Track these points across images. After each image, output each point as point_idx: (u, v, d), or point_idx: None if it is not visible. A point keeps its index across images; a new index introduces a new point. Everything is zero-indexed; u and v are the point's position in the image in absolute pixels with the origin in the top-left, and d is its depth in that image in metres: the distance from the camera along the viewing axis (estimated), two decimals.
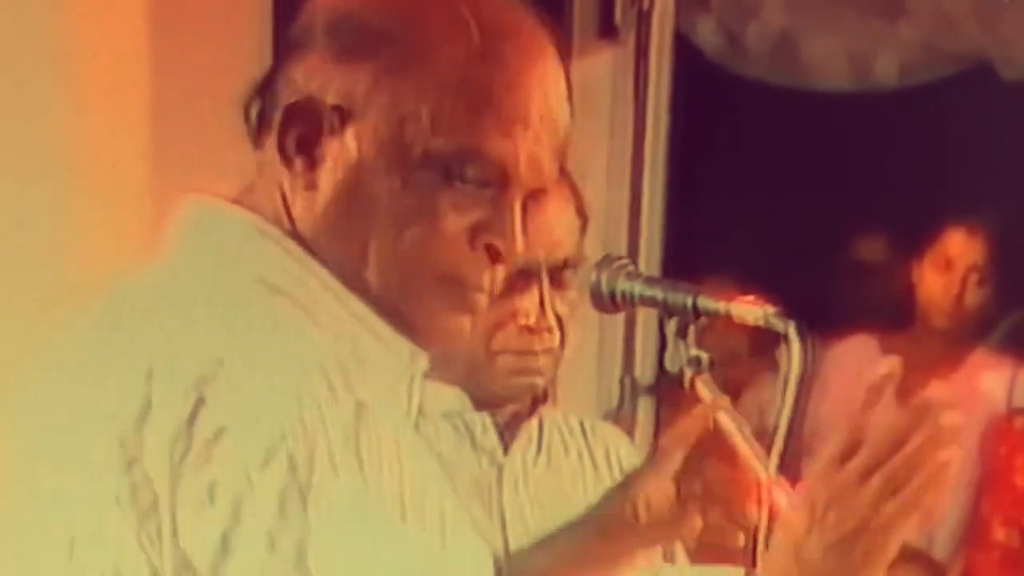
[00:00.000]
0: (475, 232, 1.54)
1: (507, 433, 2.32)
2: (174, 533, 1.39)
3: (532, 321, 2.25)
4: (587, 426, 2.44)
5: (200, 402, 1.39)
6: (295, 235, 1.54)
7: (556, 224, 2.28)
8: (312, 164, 1.53)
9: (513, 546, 2.17)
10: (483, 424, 2.29)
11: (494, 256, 1.56)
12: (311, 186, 1.53)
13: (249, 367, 1.41)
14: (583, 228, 2.34)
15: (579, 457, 2.40)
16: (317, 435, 1.38)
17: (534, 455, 2.35)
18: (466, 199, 1.53)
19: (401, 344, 1.54)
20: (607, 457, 2.42)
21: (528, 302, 2.25)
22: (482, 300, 1.57)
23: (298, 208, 1.54)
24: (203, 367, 1.41)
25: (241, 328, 1.45)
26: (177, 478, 1.38)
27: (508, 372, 2.26)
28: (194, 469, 1.38)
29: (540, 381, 2.30)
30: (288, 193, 1.54)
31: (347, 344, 1.50)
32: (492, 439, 2.30)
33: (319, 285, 1.52)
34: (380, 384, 1.49)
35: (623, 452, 2.44)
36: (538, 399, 2.35)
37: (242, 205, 1.56)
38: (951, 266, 4.62)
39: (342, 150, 1.53)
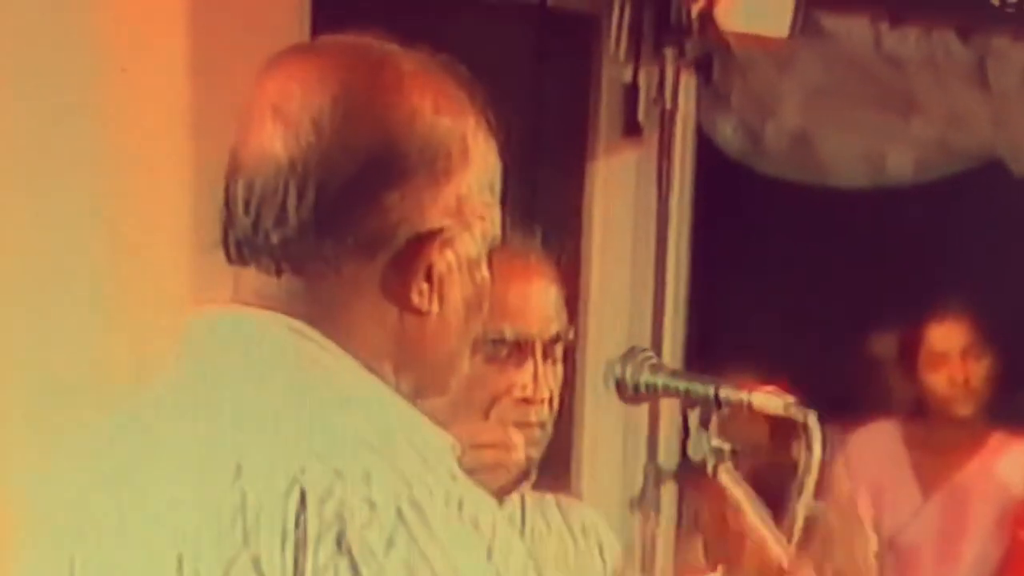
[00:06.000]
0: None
1: None
2: None
3: (529, 393, 2.29)
4: (562, 503, 2.47)
5: (303, 495, 1.44)
6: (387, 354, 1.58)
7: (545, 301, 2.33)
8: (431, 290, 1.58)
9: None
10: None
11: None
12: (424, 311, 1.58)
13: (338, 456, 1.46)
14: (567, 304, 2.39)
15: (559, 533, 2.43)
16: (428, 506, 1.45)
17: (518, 532, 2.37)
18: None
19: (441, 433, 1.59)
20: (584, 532, 2.45)
21: (524, 375, 2.29)
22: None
23: (404, 332, 1.58)
24: (294, 460, 1.46)
25: (321, 424, 1.50)
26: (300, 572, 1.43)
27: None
28: (318, 561, 1.43)
29: (535, 453, 2.33)
30: (397, 321, 1.58)
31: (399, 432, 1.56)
32: None
33: (372, 383, 1.57)
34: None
35: (600, 528, 2.47)
36: (520, 476, 2.37)
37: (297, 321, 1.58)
38: (946, 358, 4.63)
39: (447, 271, 1.58)
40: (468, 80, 1.63)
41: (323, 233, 1.55)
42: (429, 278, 1.57)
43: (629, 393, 2.27)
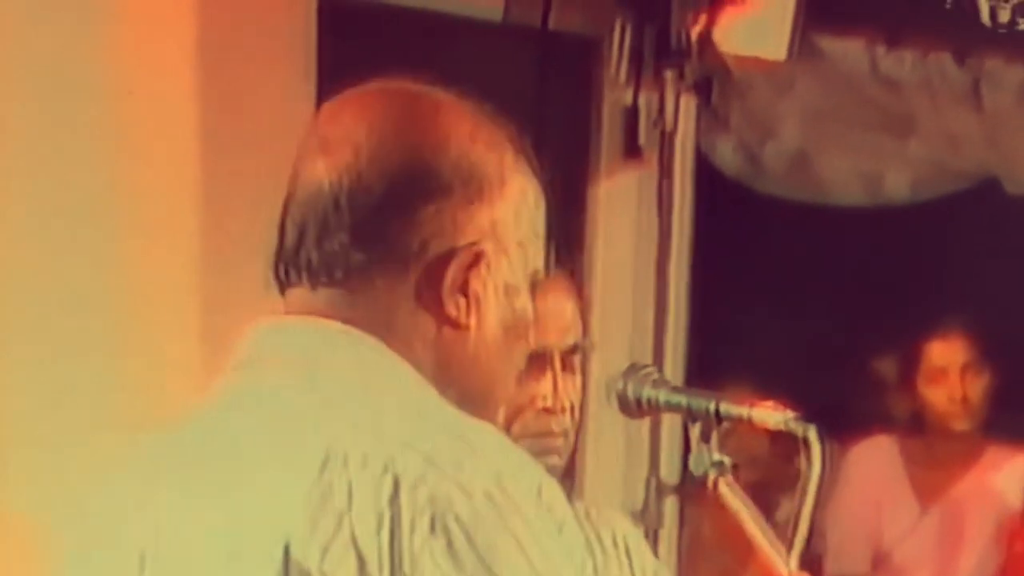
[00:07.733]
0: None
1: None
2: None
3: (550, 403, 2.33)
4: (592, 511, 2.49)
5: (396, 481, 1.51)
6: (434, 368, 1.65)
7: (562, 313, 2.37)
8: (468, 305, 1.64)
9: None
10: None
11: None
12: (462, 325, 1.65)
13: (427, 444, 1.53)
14: (584, 317, 2.45)
15: (588, 542, 2.49)
16: (514, 489, 1.54)
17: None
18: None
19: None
20: (614, 540, 2.47)
21: (544, 386, 2.33)
22: None
23: (444, 345, 1.65)
24: (384, 449, 1.53)
25: (406, 413, 1.57)
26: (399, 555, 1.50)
27: (530, 455, 2.37)
28: (414, 543, 1.50)
29: (559, 461, 2.37)
30: (435, 332, 1.64)
31: None
32: None
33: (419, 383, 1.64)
34: None
35: (629, 534, 2.50)
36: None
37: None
38: (945, 374, 4.68)
39: (483, 289, 1.65)
40: (510, 126, 1.71)
41: (361, 247, 1.62)
42: (466, 293, 1.64)
43: (631, 408, 2.33)
